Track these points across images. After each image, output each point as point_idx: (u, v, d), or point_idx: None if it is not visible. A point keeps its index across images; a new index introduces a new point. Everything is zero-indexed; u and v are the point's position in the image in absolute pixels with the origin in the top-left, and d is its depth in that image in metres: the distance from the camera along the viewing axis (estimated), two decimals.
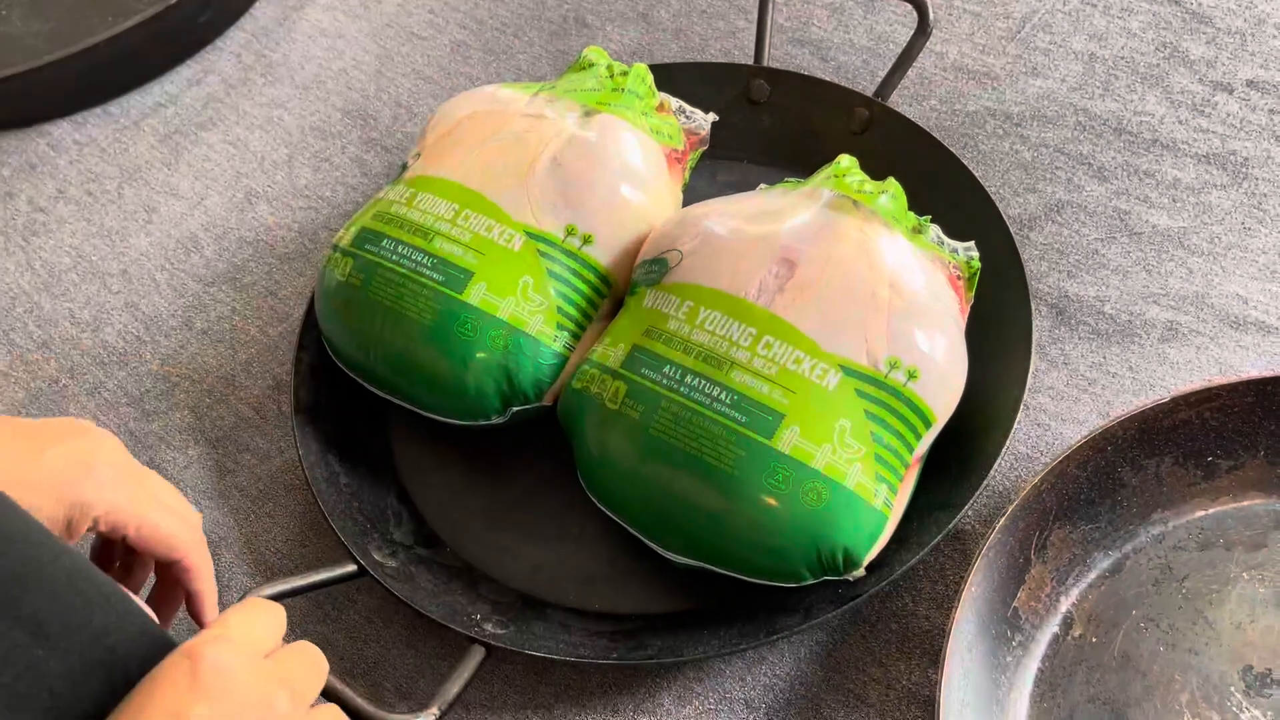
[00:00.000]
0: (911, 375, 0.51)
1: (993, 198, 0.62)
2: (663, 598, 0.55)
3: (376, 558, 0.55)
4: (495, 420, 0.57)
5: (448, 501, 0.60)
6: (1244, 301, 0.61)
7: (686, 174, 0.65)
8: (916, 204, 0.58)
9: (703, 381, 0.51)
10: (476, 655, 0.51)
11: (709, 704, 0.52)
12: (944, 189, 0.64)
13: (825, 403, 0.50)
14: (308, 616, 0.58)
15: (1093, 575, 0.53)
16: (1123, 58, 0.73)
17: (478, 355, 0.56)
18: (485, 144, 0.60)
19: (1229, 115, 0.69)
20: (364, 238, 0.59)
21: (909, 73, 0.74)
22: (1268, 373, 0.52)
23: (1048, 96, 0.72)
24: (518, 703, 0.54)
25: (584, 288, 0.57)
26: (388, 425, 0.63)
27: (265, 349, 0.70)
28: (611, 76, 0.63)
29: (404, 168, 0.63)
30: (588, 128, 0.60)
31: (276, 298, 0.72)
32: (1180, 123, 0.69)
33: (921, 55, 0.75)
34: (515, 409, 0.57)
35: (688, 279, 0.54)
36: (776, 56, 0.78)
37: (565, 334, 0.57)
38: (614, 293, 0.59)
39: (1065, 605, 0.52)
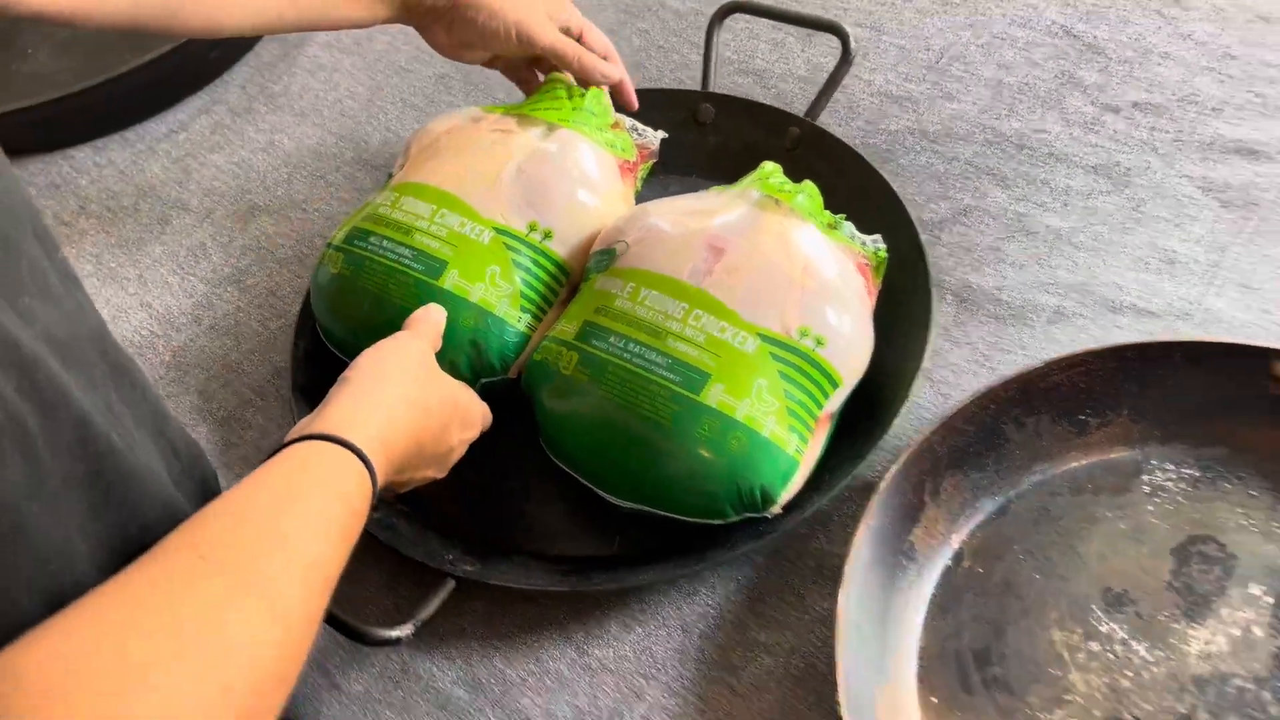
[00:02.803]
0: (819, 342, 0.59)
1: (905, 203, 0.71)
2: (610, 540, 0.63)
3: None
4: None
5: None
6: (1120, 289, 0.70)
7: (639, 182, 0.74)
8: (840, 208, 0.67)
9: (643, 349, 0.59)
10: (448, 585, 0.59)
11: (650, 629, 0.60)
12: (864, 195, 0.73)
13: (745, 364, 0.58)
14: None
15: (981, 516, 0.61)
16: (1026, 84, 0.83)
17: (453, 335, 0.64)
18: (460, 154, 0.69)
19: (1115, 132, 0.78)
20: (354, 235, 0.68)
21: (841, 97, 0.85)
22: (1127, 341, 0.61)
23: (960, 117, 0.82)
24: (483, 633, 0.62)
25: (544, 276, 0.66)
26: None
27: (265, 341, 0.78)
28: (571, 98, 0.72)
29: (390, 177, 0.72)
30: (549, 140, 0.70)
31: (276, 296, 0.81)
32: (1073, 139, 0.79)
33: (852, 82, 0.86)
34: (484, 380, 0.65)
35: (632, 264, 0.63)
36: (723, 84, 0.87)
37: (528, 315, 0.66)
38: (571, 280, 0.68)
39: (956, 541, 0.60)
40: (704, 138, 0.82)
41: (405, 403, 0.52)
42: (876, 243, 0.66)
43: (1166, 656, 0.55)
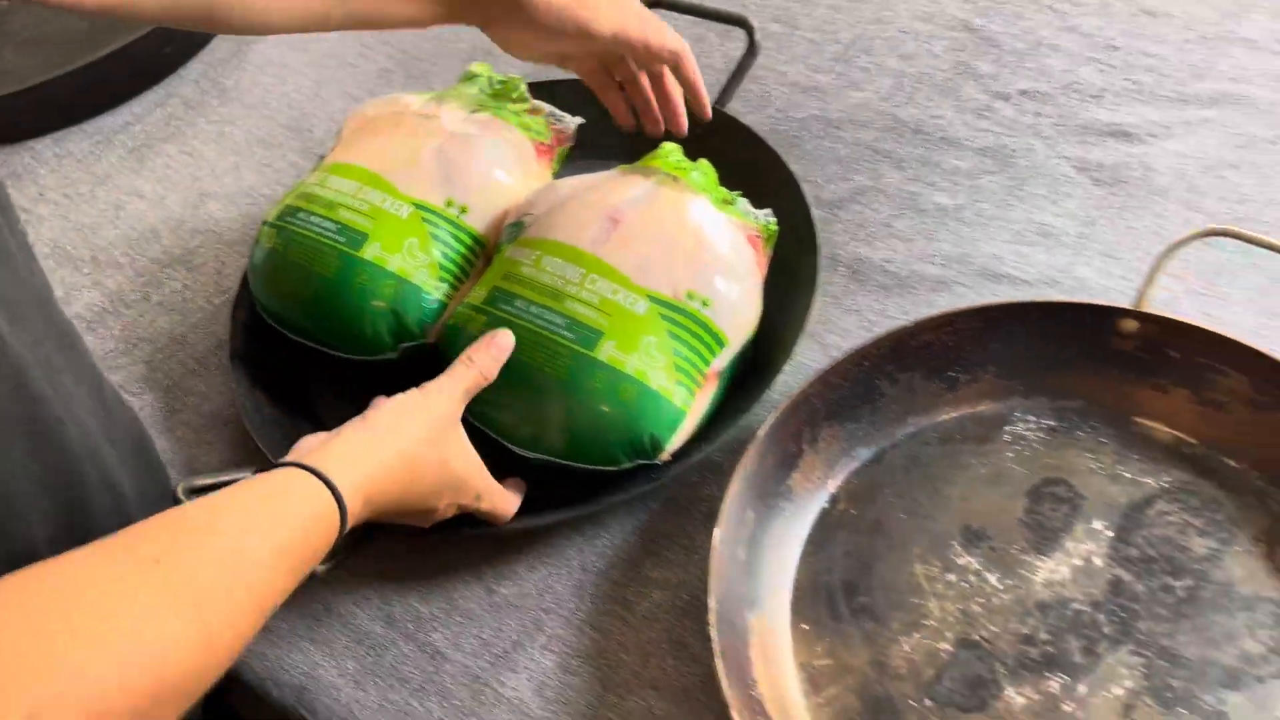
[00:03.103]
0: (705, 304, 0.65)
1: (800, 183, 0.76)
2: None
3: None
4: (389, 355, 0.71)
5: None
6: (998, 259, 0.75)
7: (556, 164, 0.80)
8: (744, 187, 0.73)
9: (543, 310, 0.65)
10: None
11: (553, 568, 0.65)
12: (765, 176, 0.78)
13: (635, 323, 0.64)
14: None
15: (857, 464, 0.67)
16: (925, 74, 0.89)
17: (373, 302, 0.69)
18: (385, 136, 0.74)
19: (1004, 118, 0.84)
20: (286, 213, 0.74)
21: (755, 87, 0.90)
22: (991, 302, 0.67)
23: (863, 105, 0.88)
24: (401, 575, 0.67)
25: (460, 248, 0.72)
26: (306, 367, 0.76)
27: (210, 315, 0.84)
28: (491, 85, 0.78)
29: (321, 159, 0.78)
30: (468, 124, 0.75)
31: (222, 275, 0.86)
32: (965, 124, 0.84)
33: (766, 74, 0.91)
34: (404, 345, 0.71)
35: (538, 235, 0.68)
36: None
37: (445, 285, 0.71)
38: (487, 252, 0.73)
39: (833, 486, 0.66)
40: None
41: (404, 461, 0.55)
42: (768, 217, 0.71)
43: (1015, 585, 0.60)
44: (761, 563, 0.62)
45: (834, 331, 0.74)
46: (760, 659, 0.59)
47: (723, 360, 0.66)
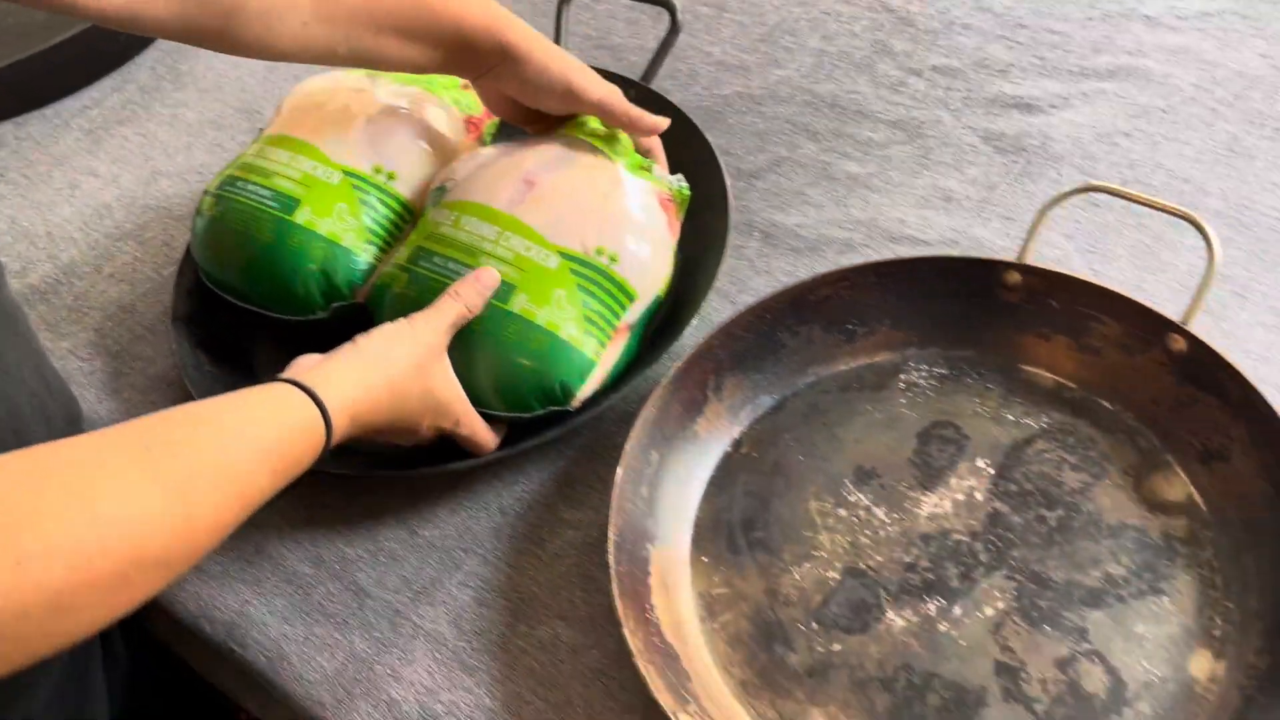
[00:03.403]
0: (613, 260, 0.69)
1: (717, 153, 0.80)
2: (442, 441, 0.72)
3: None
4: (320, 315, 0.75)
5: None
6: (903, 223, 0.79)
7: (487, 136, 0.84)
8: (667, 156, 0.77)
9: (461, 266, 0.68)
10: None
11: (473, 510, 0.69)
12: (686, 147, 0.82)
13: (546, 277, 0.67)
14: None
15: (760, 411, 0.71)
16: (845, 52, 0.93)
17: (305, 264, 0.73)
18: (320, 110, 0.78)
19: (916, 92, 0.88)
20: (225, 182, 0.77)
21: (683, 66, 0.95)
22: (884, 258, 0.71)
23: (785, 82, 0.92)
24: (330, 520, 0.70)
25: (388, 213, 0.75)
26: (244, 328, 0.80)
27: (159, 285, 0.87)
28: None
29: (261, 132, 0.82)
30: (399, 98, 0.79)
31: (171, 247, 0.90)
32: (879, 98, 0.89)
33: (693, 53, 0.96)
34: (335, 305, 0.74)
35: (458, 197, 0.72)
36: (580, 56, 0.97)
37: (373, 247, 0.75)
38: (414, 218, 0.77)
39: (736, 431, 0.70)
40: None
41: (389, 386, 0.60)
42: (680, 182, 0.75)
43: (900, 518, 0.64)
44: (664, 500, 0.66)
45: (746, 291, 0.78)
46: (659, 587, 0.62)
47: (633, 314, 0.70)
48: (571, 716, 0.60)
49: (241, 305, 0.78)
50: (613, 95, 0.72)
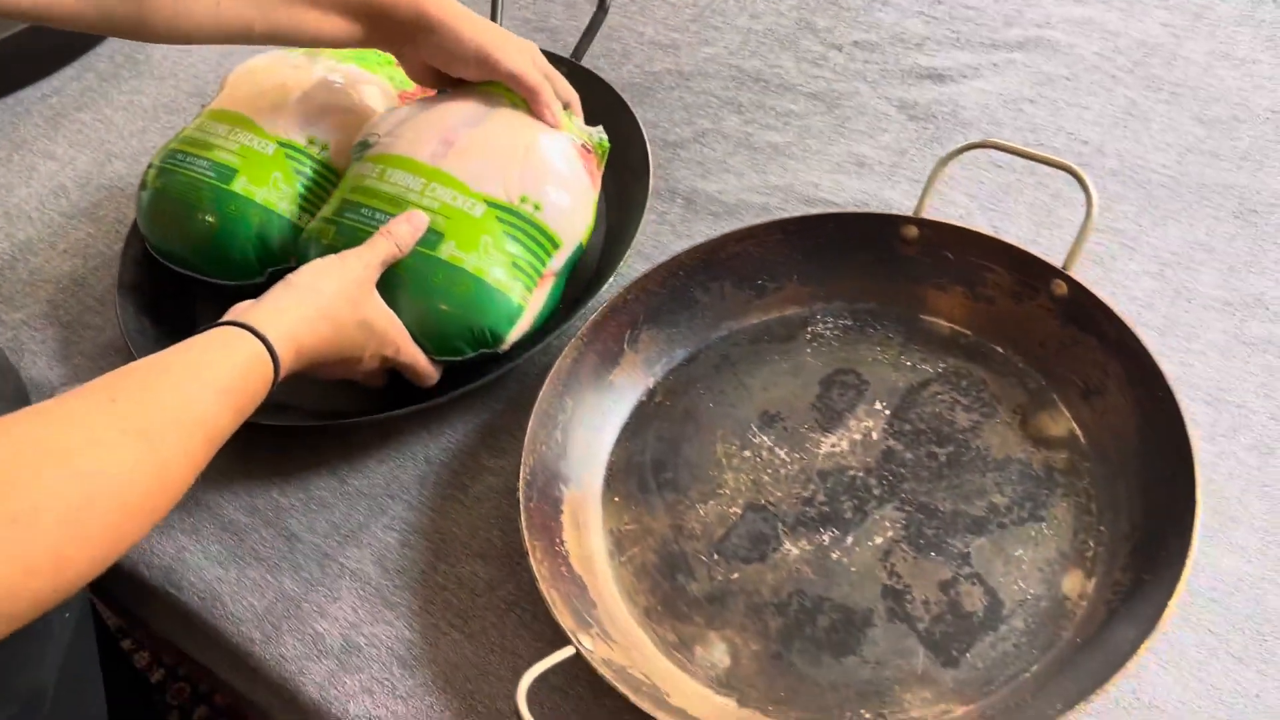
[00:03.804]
0: (537, 207, 0.71)
1: (642, 125, 0.84)
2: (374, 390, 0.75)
3: None
4: (258, 280, 0.78)
5: None
6: (817, 187, 0.83)
7: None
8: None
9: (388, 216, 0.71)
10: None
11: (401, 460, 0.73)
12: (614, 118, 0.86)
13: (473, 225, 0.70)
14: None
15: (674, 364, 0.74)
16: (770, 30, 0.97)
17: (242, 230, 0.77)
18: (258, 85, 0.82)
19: (836, 65, 0.92)
20: (168, 156, 0.81)
21: (617, 45, 0.98)
22: (790, 215, 0.74)
23: (713, 59, 0.95)
24: (264, 473, 0.74)
25: (322, 181, 0.79)
26: (188, 296, 0.83)
27: (110, 259, 0.91)
28: None
29: (203, 108, 0.85)
30: (334, 73, 0.83)
31: (122, 224, 0.93)
32: (801, 72, 0.92)
33: (627, 33, 0.99)
34: (271, 270, 0.78)
35: (382, 151, 0.74)
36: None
37: (307, 214, 0.78)
38: None
39: (651, 382, 0.73)
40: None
41: (324, 317, 0.62)
42: (600, 133, 0.78)
43: (800, 458, 0.68)
44: (578, 445, 0.69)
45: (667, 254, 0.80)
46: (571, 525, 0.66)
47: (559, 260, 0.73)
48: (485, 645, 0.63)
49: (184, 273, 0.81)
50: (526, 70, 0.74)
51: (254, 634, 0.66)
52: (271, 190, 0.77)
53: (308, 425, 0.73)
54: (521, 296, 0.71)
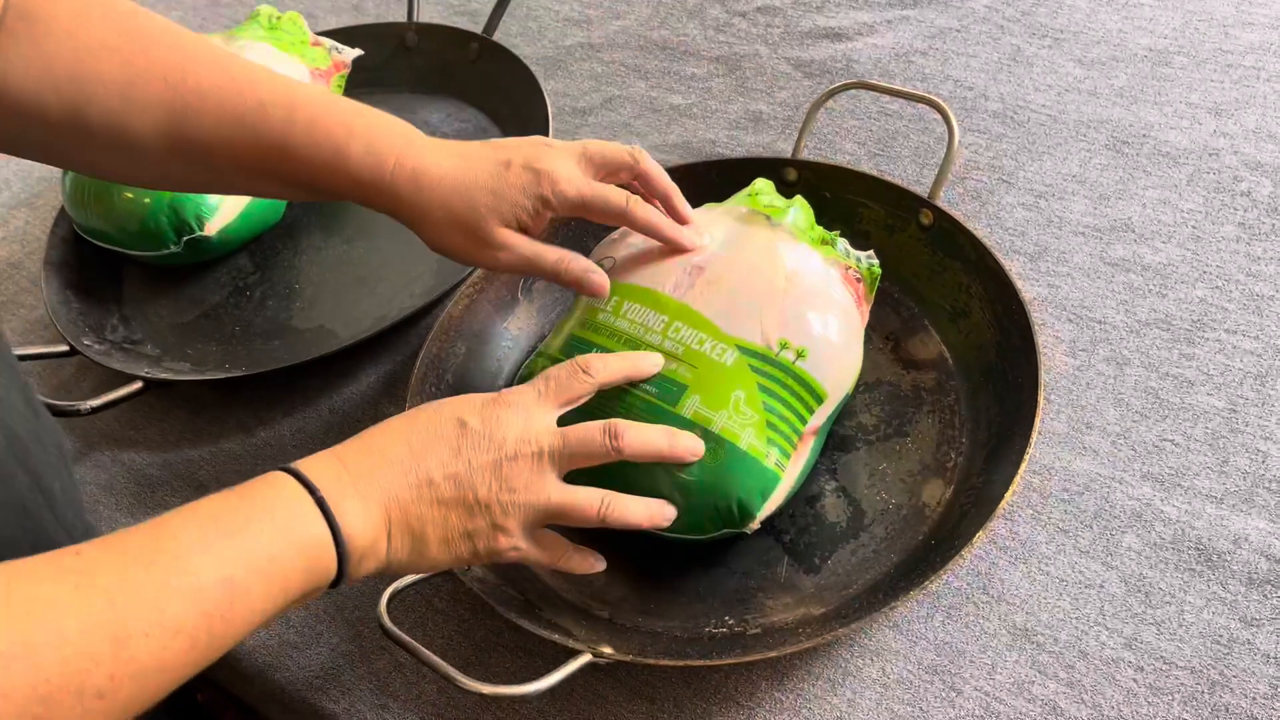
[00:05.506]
0: (800, 355, 0.59)
1: (545, 94, 0.87)
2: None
3: (87, 342, 0.79)
4: (174, 249, 0.81)
5: (152, 319, 0.84)
6: (714, 143, 0.86)
7: (335, 88, 0.91)
8: (501, 103, 0.84)
9: None
10: (134, 385, 0.74)
11: (306, 413, 0.75)
12: (521, 92, 0.89)
13: (723, 376, 0.57)
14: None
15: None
16: (679, 1, 1.00)
17: (155, 202, 0.80)
18: None
19: (739, 31, 0.95)
20: None
21: (533, 24, 1.02)
22: (681, 162, 0.77)
23: (624, 31, 0.99)
24: (178, 429, 0.77)
25: None
26: (111, 270, 0.87)
27: (45, 244, 0.94)
28: (270, 21, 0.89)
29: None
30: (247, 51, 0.86)
31: (61, 213, 0.97)
32: (706, 39, 0.95)
33: (542, 11, 1.03)
34: (186, 238, 0.81)
35: (617, 279, 0.63)
36: (437, 17, 1.04)
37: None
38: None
39: (545, 329, 0.76)
40: (411, 60, 0.98)
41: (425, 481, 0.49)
42: (870, 259, 0.65)
43: None
44: (470, 389, 0.72)
45: None
46: None
47: (820, 417, 0.60)
48: None
49: (107, 247, 0.85)
50: (590, 187, 0.60)
51: None
52: None
53: (217, 379, 0.76)
54: (777, 463, 0.58)
